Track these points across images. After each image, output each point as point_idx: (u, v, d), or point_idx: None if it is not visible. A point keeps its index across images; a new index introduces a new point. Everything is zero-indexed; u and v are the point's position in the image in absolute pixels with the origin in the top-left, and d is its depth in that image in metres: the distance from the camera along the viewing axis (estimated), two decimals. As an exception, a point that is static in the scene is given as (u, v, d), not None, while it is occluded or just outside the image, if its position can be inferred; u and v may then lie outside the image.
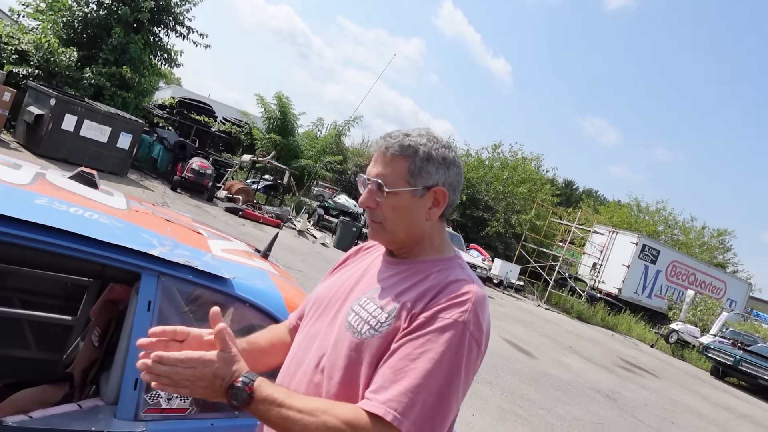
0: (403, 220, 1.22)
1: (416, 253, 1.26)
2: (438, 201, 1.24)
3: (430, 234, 1.27)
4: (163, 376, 1.03)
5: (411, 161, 1.21)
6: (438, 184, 1.23)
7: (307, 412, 1.03)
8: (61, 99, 11.06)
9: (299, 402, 1.05)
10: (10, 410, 1.83)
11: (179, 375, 1.03)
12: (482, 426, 5.20)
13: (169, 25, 15.18)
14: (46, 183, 2.00)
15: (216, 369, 1.04)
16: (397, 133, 1.24)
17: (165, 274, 1.70)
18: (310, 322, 1.30)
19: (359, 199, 1.26)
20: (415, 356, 1.06)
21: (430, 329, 1.08)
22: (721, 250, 32.78)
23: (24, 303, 2.77)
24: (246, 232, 11.47)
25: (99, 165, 11.48)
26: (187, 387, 1.04)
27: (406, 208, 1.21)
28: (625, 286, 22.30)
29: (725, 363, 15.29)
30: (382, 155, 1.23)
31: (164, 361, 1.03)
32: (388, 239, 1.25)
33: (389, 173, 1.21)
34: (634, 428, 7.06)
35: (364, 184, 1.24)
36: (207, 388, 1.04)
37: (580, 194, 48.87)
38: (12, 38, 13.20)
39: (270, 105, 20.79)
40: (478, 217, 24.50)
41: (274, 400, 1.04)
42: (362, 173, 1.28)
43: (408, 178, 1.21)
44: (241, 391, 1.03)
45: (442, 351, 1.06)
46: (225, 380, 1.04)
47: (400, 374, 1.05)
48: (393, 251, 1.29)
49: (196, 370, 1.04)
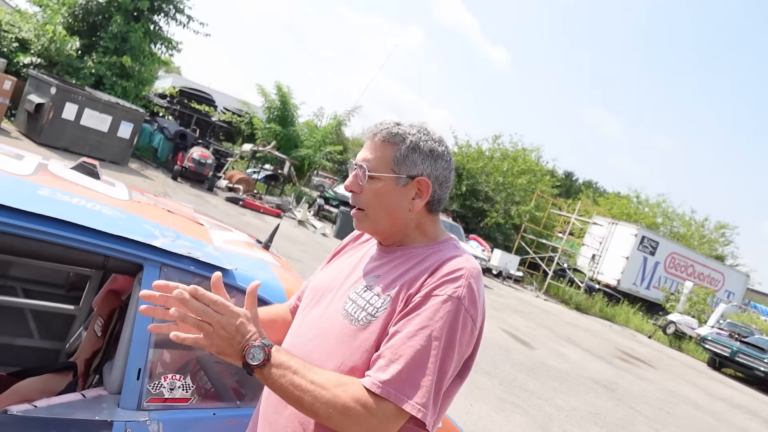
0: (385, 207, 1.23)
1: (407, 242, 1.27)
2: (421, 192, 1.24)
3: (417, 225, 1.27)
4: (191, 313, 1.03)
5: (397, 148, 1.23)
6: (422, 175, 1.23)
7: (320, 384, 1.04)
8: (62, 88, 11.02)
9: (312, 373, 1.06)
10: (15, 399, 1.86)
11: (207, 315, 1.03)
12: (480, 415, 5.25)
13: (169, 14, 15.10)
14: (49, 173, 2.01)
15: (239, 323, 1.05)
16: (388, 121, 1.26)
17: (167, 265, 1.71)
18: (306, 309, 1.31)
19: (344, 183, 1.28)
20: (411, 334, 1.08)
21: (425, 307, 1.10)
22: (722, 243, 32.80)
23: (27, 292, 2.78)
24: (246, 221, 11.48)
25: (100, 154, 11.49)
26: (208, 334, 1.04)
27: (388, 194, 1.22)
28: (624, 277, 22.36)
29: (722, 354, 15.36)
30: (370, 141, 1.26)
31: (199, 297, 1.04)
32: (371, 227, 1.27)
33: (375, 158, 1.23)
34: (631, 418, 7.12)
35: (352, 168, 1.27)
36: (226, 339, 1.04)
37: (579, 185, 48.79)
38: (12, 26, 13.13)
39: (270, 95, 20.72)
40: (477, 208, 24.50)
41: (289, 367, 1.05)
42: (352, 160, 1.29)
43: (392, 165, 1.22)
44: (258, 351, 1.04)
45: (439, 327, 1.08)
46: (245, 337, 1.05)
47: (397, 354, 1.07)
48: (380, 240, 1.30)
49: (223, 318, 1.04)
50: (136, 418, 1.57)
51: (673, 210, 32.05)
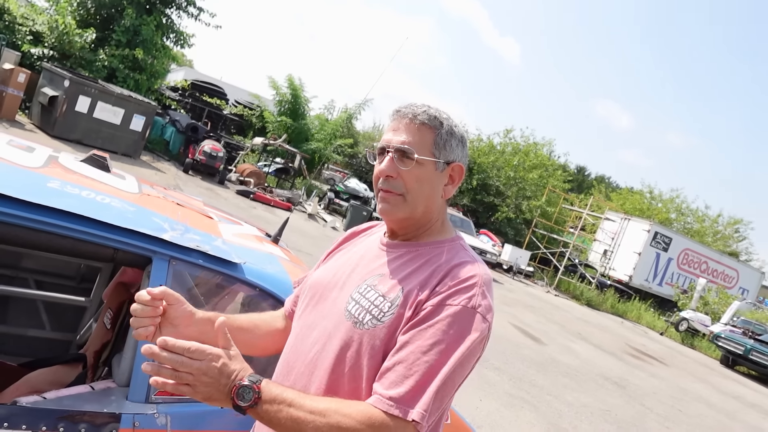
0: (425, 193, 1.17)
1: (420, 233, 1.22)
2: (453, 178, 1.22)
3: (439, 212, 1.23)
4: (166, 366, 0.95)
5: (437, 132, 1.18)
6: (457, 161, 1.21)
7: (319, 412, 0.98)
8: (75, 81, 11.10)
9: (310, 402, 1.00)
10: (25, 390, 1.87)
11: (184, 366, 0.95)
12: (489, 411, 5.23)
13: (181, 6, 15.13)
14: (59, 166, 2.02)
15: (222, 365, 0.97)
16: (420, 104, 1.20)
17: (176, 258, 1.70)
18: (307, 310, 1.24)
19: (379, 167, 1.18)
20: (425, 348, 1.02)
21: (438, 318, 1.05)
22: (735, 239, 32.42)
23: (39, 284, 2.81)
24: (257, 215, 11.51)
25: (112, 147, 11.57)
26: (190, 383, 0.96)
27: (428, 179, 1.17)
28: (636, 273, 22.18)
29: (735, 352, 15.21)
30: (408, 123, 1.17)
31: (170, 347, 0.95)
32: (405, 213, 1.18)
33: (416, 142, 1.16)
34: (642, 416, 7.07)
35: (384, 152, 1.18)
36: (211, 385, 0.96)
37: (592, 180, 48.42)
38: (26, 19, 13.23)
39: (281, 88, 20.72)
40: (488, 203, 24.41)
41: (283, 400, 0.98)
42: (374, 144, 1.22)
43: (433, 149, 1.17)
44: (248, 390, 0.97)
45: (455, 341, 1.03)
46: (230, 378, 0.97)
47: (412, 369, 1.01)
48: (398, 231, 1.23)
49: (202, 363, 0.96)
50: (144, 411, 1.57)
51: (687, 206, 31.74)
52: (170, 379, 0.96)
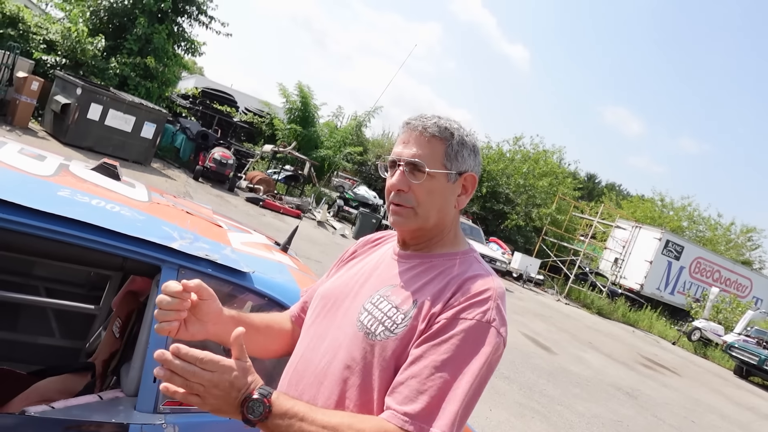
0: (437, 205, 1.17)
1: (433, 244, 1.21)
2: (467, 188, 1.21)
3: (453, 223, 1.22)
4: (178, 374, 0.93)
5: (448, 144, 1.17)
6: (469, 171, 1.20)
7: (331, 427, 0.97)
8: (87, 88, 11.23)
9: (321, 416, 0.98)
10: (34, 398, 1.87)
11: (195, 377, 0.93)
12: (500, 421, 5.18)
13: (192, 15, 15.28)
14: (69, 174, 2.02)
15: (234, 378, 0.95)
16: (430, 115, 1.20)
17: (185, 267, 1.70)
18: (318, 319, 1.23)
19: (390, 180, 1.17)
20: (440, 364, 1.01)
21: (453, 332, 1.03)
22: (748, 248, 32.04)
23: (49, 291, 2.81)
24: (266, 222, 11.54)
25: (123, 154, 11.67)
26: (200, 393, 0.94)
27: (441, 192, 1.16)
28: (648, 281, 21.96)
29: (749, 362, 15.00)
30: (418, 136, 1.16)
31: (183, 356, 0.93)
32: (417, 225, 1.17)
33: (427, 154, 1.15)
34: (655, 427, 6.97)
35: (395, 165, 1.17)
36: (221, 398, 0.94)
37: (602, 188, 48.14)
38: (40, 28, 13.42)
39: (291, 95, 20.82)
40: (498, 210, 24.31)
41: (295, 414, 0.96)
42: (386, 156, 1.21)
43: (444, 161, 1.16)
44: (258, 404, 0.95)
45: (469, 355, 1.02)
46: (241, 391, 0.95)
47: (427, 384, 1.00)
48: (410, 242, 1.22)
49: (214, 375, 0.94)
50: (152, 421, 1.56)
51: (699, 214, 31.43)
52: (180, 388, 0.94)
